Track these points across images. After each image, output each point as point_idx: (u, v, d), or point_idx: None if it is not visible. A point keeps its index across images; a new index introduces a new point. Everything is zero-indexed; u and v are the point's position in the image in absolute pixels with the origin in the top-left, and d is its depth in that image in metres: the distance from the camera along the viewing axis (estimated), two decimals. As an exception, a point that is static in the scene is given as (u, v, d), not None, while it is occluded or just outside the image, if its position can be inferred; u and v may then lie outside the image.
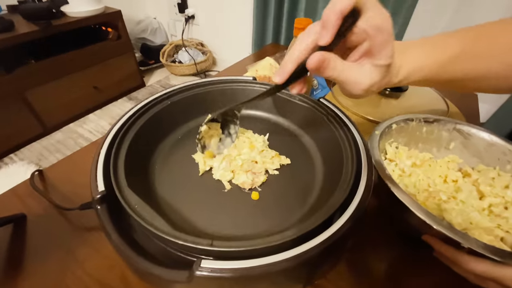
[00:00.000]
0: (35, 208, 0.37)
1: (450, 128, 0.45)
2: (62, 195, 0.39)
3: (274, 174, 0.33)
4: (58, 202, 0.36)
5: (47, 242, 0.33)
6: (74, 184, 0.41)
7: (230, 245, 0.21)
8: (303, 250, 0.20)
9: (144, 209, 0.24)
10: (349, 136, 0.32)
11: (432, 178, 0.38)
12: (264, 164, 0.33)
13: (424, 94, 0.66)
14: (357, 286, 0.30)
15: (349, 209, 0.23)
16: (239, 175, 0.31)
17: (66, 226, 0.35)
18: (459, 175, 0.40)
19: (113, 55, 1.39)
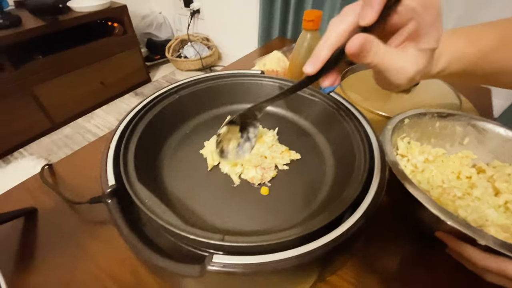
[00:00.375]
0: (45, 202, 0.38)
1: (464, 123, 0.43)
2: (72, 189, 0.40)
3: (284, 169, 0.32)
4: (68, 196, 0.37)
5: (57, 236, 0.34)
6: (84, 178, 0.41)
7: (242, 240, 0.20)
8: (316, 246, 0.20)
9: (155, 204, 0.23)
10: (361, 131, 0.31)
11: (445, 174, 0.37)
12: (273, 159, 0.32)
13: (436, 88, 0.64)
14: (368, 282, 0.29)
15: (362, 206, 0.23)
16: (248, 170, 0.31)
17: (76, 220, 0.36)
18: (473, 171, 0.38)
19: (119, 50, 1.39)
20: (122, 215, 0.23)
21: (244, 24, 1.64)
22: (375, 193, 0.24)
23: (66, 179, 0.41)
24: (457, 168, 0.39)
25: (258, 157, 0.32)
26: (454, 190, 0.31)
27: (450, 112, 0.44)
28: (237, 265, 0.19)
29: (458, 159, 0.41)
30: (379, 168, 0.27)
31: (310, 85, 0.25)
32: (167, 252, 0.23)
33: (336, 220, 0.22)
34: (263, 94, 0.41)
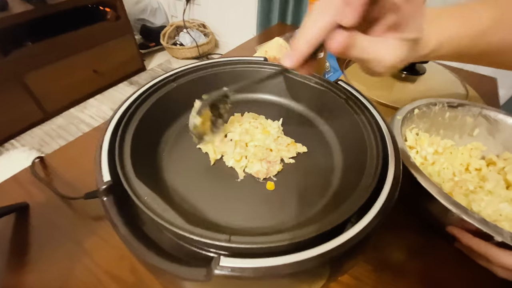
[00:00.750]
0: (38, 197, 0.36)
1: (475, 113, 0.42)
2: (66, 183, 0.38)
3: (290, 163, 0.31)
4: (62, 190, 0.35)
5: (52, 232, 0.32)
6: (78, 171, 0.39)
7: (250, 241, 0.19)
8: (331, 247, 0.18)
9: (155, 201, 0.22)
10: (372, 122, 0.29)
11: (456, 166, 0.36)
12: (279, 152, 0.30)
13: (442, 77, 0.62)
14: (379, 279, 0.29)
15: (377, 203, 0.21)
16: (252, 163, 0.29)
17: (71, 216, 0.34)
18: (482, 163, 0.37)
19: (112, 37, 1.33)
20: (120, 213, 0.21)
21: (242, 9, 1.58)
22: (391, 189, 0.22)
23: (59, 172, 0.39)
24: (466, 160, 0.38)
25: (263, 150, 0.30)
26: (467, 184, 0.30)
27: (461, 102, 0.43)
28: (246, 269, 0.17)
29: (467, 150, 0.40)
30: (393, 161, 0.25)
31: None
32: (168, 252, 0.22)
33: (350, 218, 0.21)
34: (267, 83, 0.39)
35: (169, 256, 0.19)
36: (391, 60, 0.22)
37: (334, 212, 0.21)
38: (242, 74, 0.39)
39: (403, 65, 0.23)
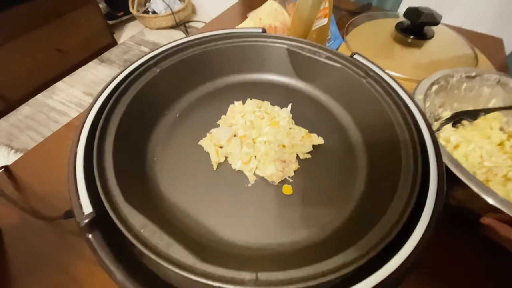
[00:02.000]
0: (9, 217, 0.30)
1: (493, 82, 0.38)
2: (38, 197, 0.32)
3: (306, 159, 0.26)
4: (35, 206, 0.29)
5: (32, 260, 0.27)
6: (51, 181, 0.33)
7: (283, 281, 0.15)
8: (387, 274, 0.15)
9: (154, 234, 0.17)
10: (402, 106, 0.25)
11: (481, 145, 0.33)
12: (294, 148, 0.26)
13: (450, 41, 0.57)
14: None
15: (423, 217, 0.18)
16: (264, 165, 0.25)
17: (52, 238, 0.29)
18: (503, 137, 0.35)
19: (73, 7, 1.14)
20: (112, 253, 0.16)
21: (219, -33, 1.39)
22: (437, 193, 0.19)
23: (29, 184, 0.33)
24: (486, 133, 0.35)
25: (276, 147, 0.25)
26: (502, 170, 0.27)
27: (479, 71, 0.38)
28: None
29: (488, 122, 0.37)
30: (433, 153, 0.21)
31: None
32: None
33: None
34: (269, 60, 0.33)
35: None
36: None
37: (375, 228, 0.18)
38: (238, 51, 0.32)
39: None
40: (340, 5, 0.71)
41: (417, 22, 0.49)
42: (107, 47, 1.38)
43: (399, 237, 0.17)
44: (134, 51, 1.41)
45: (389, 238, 0.17)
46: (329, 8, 0.42)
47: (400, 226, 0.17)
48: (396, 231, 0.17)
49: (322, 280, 0.15)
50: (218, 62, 0.32)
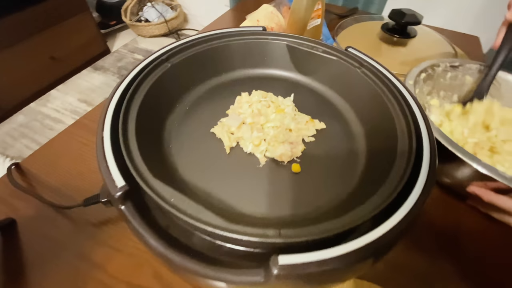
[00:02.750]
0: (24, 210, 0.31)
1: (475, 71, 0.42)
2: (52, 190, 0.33)
3: (311, 142, 0.29)
4: (49, 198, 0.30)
5: (51, 249, 0.28)
6: (62, 175, 0.34)
7: (302, 234, 0.17)
8: (386, 229, 0.17)
9: (183, 202, 0.19)
10: (396, 92, 0.28)
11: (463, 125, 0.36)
12: (299, 131, 0.28)
13: (431, 39, 0.62)
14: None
15: (418, 183, 0.20)
16: (274, 147, 0.27)
17: (69, 227, 0.30)
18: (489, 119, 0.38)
19: (66, 16, 1.16)
20: (145, 223, 0.18)
21: (210, -23, 1.44)
22: (430, 162, 0.21)
23: (41, 179, 0.34)
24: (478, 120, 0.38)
25: (283, 131, 0.28)
26: (488, 143, 0.30)
27: (461, 61, 0.42)
28: (309, 264, 0.16)
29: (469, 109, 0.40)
30: (427, 135, 0.24)
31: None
32: (203, 253, 0.20)
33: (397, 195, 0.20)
34: (270, 56, 0.36)
35: (207, 258, 0.17)
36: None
37: (371, 199, 0.20)
38: (242, 47, 0.35)
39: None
40: (329, 9, 0.76)
41: (401, 22, 0.54)
42: (100, 55, 1.39)
43: (401, 196, 0.19)
44: (128, 59, 1.42)
45: (393, 196, 0.19)
46: (322, 9, 0.46)
47: (401, 185, 0.20)
48: (399, 189, 0.19)
49: (338, 231, 0.17)
50: (223, 58, 0.35)
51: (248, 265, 0.17)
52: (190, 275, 0.20)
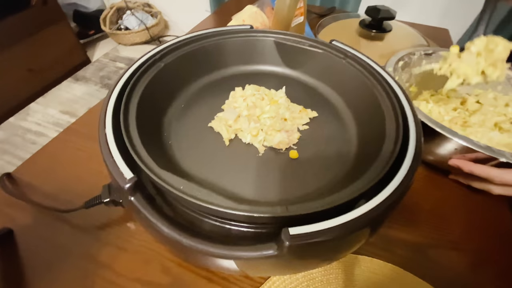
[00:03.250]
0: (21, 219, 0.30)
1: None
2: (48, 196, 0.33)
3: (306, 129, 0.30)
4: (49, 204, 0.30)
5: (55, 254, 0.28)
6: (57, 180, 0.34)
7: (307, 207, 0.18)
8: (379, 201, 0.19)
9: (193, 189, 0.20)
10: (380, 78, 0.30)
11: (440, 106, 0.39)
12: (294, 120, 0.30)
13: (405, 33, 0.66)
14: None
15: (405, 162, 0.22)
16: (271, 136, 0.28)
17: (71, 230, 0.30)
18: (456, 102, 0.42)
19: (43, 26, 1.12)
20: (157, 211, 0.19)
21: (189, -17, 1.45)
22: (416, 146, 0.23)
23: (37, 187, 0.34)
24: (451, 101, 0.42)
25: (279, 120, 0.29)
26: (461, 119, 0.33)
27: (434, 49, 0.46)
28: (317, 233, 0.17)
29: (445, 92, 0.44)
30: (411, 113, 0.26)
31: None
32: (213, 237, 0.20)
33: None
34: (260, 52, 0.37)
35: (218, 240, 0.18)
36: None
37: (366, 175, 0.21)
38: (232, 45, 0.36)
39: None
40: (309, 9, 0.79)
41: (377, 18, 0.57)
42: (80, 65, 1.36)
43: (392, 171, 0.21)
44: (109, 68, 1.40)
45: (385, 170, 0.21)
46: (304, 7, 0.48)
47: (392, 160, 0.22)
48: (390, 164, 0.21)
49: (339, 203, 0.18)
50: (215, 55, 0.36)
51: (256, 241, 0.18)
52: (204, 258, 0.21)
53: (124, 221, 0.30)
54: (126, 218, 0.30)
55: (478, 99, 0.40)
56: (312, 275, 0.26)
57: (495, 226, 0.32)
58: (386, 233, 0.31)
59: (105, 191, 0.25)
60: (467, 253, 0.30)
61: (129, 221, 0.30)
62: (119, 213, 0.31)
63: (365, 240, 0.22)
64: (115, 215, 0.30)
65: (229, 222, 0.20)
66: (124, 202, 0.23)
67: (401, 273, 0.27)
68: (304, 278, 0.26)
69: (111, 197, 0.24)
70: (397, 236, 0.31)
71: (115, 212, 0.30)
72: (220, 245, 0.17)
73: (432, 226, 0.32)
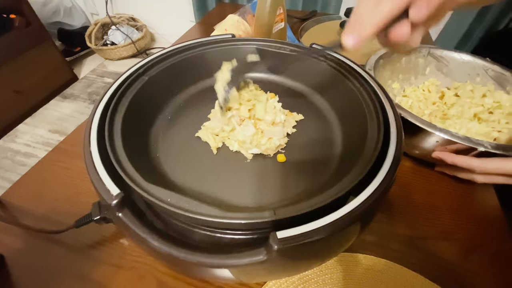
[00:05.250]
0: (11, 244, 0.30)
1: (425, 53, 0.47)
2: (39, 218, 0.32)
3: (293, 133, 0.31)
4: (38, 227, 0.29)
5: (48, 276, 0.27)
6: (50, 201, 0.34)
7: (297, 209, 0.19)
8: (368, 195, 0.19)
9: (181, 200, 0.20)
10: (359, 77, 0.31)
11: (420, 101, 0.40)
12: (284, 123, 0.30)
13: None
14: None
15: (387, 160, 0.22)
16: (259, 142, 0.28)
17: (63, 252, 0.29)
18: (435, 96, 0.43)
19: (28, 47, 1.12)
20: (145, 225, 0.19)
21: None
22: (397, 141, 0.24)
23: (27, 209, 0.33)
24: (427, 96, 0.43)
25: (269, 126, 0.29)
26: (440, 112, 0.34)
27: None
28: (306, 234, 0.17)
29: (426, 87, 0.45)
30: (391, 109, 0.27)
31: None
32: (203, 247, 0.20)
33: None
34: (243, 60, 0.38)
35: (209, 250, 0.18)
36: None
37: (352, 173, 0.22)
38: (215, 54, 0.37)
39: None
40: (291, 14, 0.81)
41: (357, 18, 0.58)
42: (68, 83, 1.35)
43: (374, 169, 0.21)
44: (97, 84, 1.39)
45: (368, 167, 0.21)
46: (284, 13, 0.49)
47: (375, 157, 0.22)
48: (373, 161, 0.22)
49: (325, 202, 0.19)
50: (199, 66, 0.36)
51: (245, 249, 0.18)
52: (197, 268, 0.21)
53: (116, 238, 0.30)
54: (119, 235, 0.30)
55: (457, 91, 0.42)
56: (308, 277, 0.26)
57: (484, 213, 0.33)
58: (377, 229, 0.31)
59: (95, 208, 0.25)
60: (458, 242, 0.31)
61: (121, 238, 0.30)
62: (111, 230, 0.30)
63: (356, 237, 0.22)
64: (107, 233, 0.30)
65: (219, 230, 0.21)
66: (113, 218, 0.23)
67: (395, 267, 0.28)
68: (300, 281, 0.26)
69: (102, 214, 0.24)
70: (389, 231, 0.31)
71: (107, 230, 0.30)
72: (209, 254, 0.17)
73: (422, 218, 0.32)
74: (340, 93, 0.32)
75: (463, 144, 0.27)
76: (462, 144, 0.27)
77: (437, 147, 0.30)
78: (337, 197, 0.19)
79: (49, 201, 0.33)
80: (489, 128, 0.33)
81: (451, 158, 0.31)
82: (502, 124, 0.34)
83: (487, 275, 0.28)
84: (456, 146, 0.29)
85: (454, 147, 0.30)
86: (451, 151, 0.30)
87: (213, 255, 0.17)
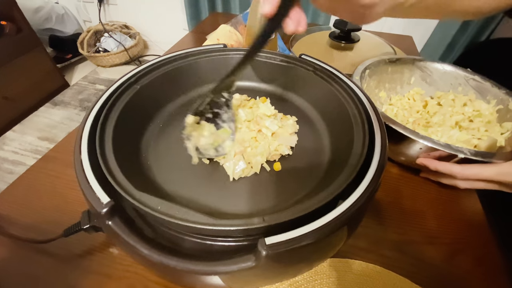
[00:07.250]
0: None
1: (410, 64, 0.49)
2: (27, 228, 0.32)
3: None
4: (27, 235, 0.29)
5: (36, 287, 0.27)
6: (39, 209, 0.33)
7: (285, 215, 0.19)
8: (352, 202, 0.20)
9: (171, 208, 0.20)
10: (346, 87, 0.32)
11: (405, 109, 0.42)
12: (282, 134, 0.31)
13: (373, 42, 0.71)
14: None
15: (372, 165, 0.23)
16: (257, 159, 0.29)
17: (52, 261, 0.29)
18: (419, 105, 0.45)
19: (18, 54, 1.10)
20: (134, 233, 0.19)
21: (166, 2, 1.48)
22: (381, 148, 0.25)
23: (14, 219, 0.33)
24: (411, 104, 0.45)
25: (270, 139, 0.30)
26: (423, 120, 0.36)
27: (398, 57, 0.49)
28: (294, 239, 0.18)
29: (411, 96, 0.47)
30: (376, 117, 0.28)
31: (272, 33, 0.23)
32: (193, 254, 0.21)
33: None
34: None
35: (198, 257, 0.18)
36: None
37: (338, 179, 0.23)
38: (206, 64, 0.38)
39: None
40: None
41: (345, 30, 0.61)
42: (59, 89, 1.33)
43: (360, 176, 0.22)
44: (89, 90, 1.38)
45: (353, 174, 0.22)
46: (275, 24, 0.50)
47: (360, 164, 0.23)
48: (358, 168, 0.23)
49: (313, 208, 0.19)
50: (191, 75, 0.37)
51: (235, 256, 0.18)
52: (187, 276, 0.21)
53: (106, 247, 0.29)
54: (108, 244, 0.30)
55: (439, 100, 0.43)
56: (298, 283, 0.27)
57: (468, 217, 0.34)
58: (366, 234, 0.32)
59: (84, 217, 0.24)
60: (444, 246, 0.32)
61: (111, 247, 0.29)
62: (100, 239, 0.30)
63: (344, 242, 0.23)
64: (97, 242, 0.30)
65: (209, 237, 0.21)
66: (102, 227, 0.23)
67: (383, 272, 0.28)
68: (290, 287, 0.27)
69: (91, 223, 0.24)
70: (378, 236, 0.32)
71: (97, 239, 0.30)
72: (199, 261, 0.17)
73: (409, 223, 0.33)
74: (328, 102, 0.33)
75: (444, 151, 0.29)
76: (444, 151, 0.29)
77: (421, 154, 0.32)
78: (324, 203, 0.20)
79: (37, 210, 0.33)
80: (469, 136, 0.35)
81: (433, 165, 0.32)
82: (482, 132, 0.35)
83: (472, 279, 0.29)
84: (438, 153, 0.30)
85: (437, 154, 0.31)
86: (434, 158, 0.31)
87: (203, 263, 0.17)
